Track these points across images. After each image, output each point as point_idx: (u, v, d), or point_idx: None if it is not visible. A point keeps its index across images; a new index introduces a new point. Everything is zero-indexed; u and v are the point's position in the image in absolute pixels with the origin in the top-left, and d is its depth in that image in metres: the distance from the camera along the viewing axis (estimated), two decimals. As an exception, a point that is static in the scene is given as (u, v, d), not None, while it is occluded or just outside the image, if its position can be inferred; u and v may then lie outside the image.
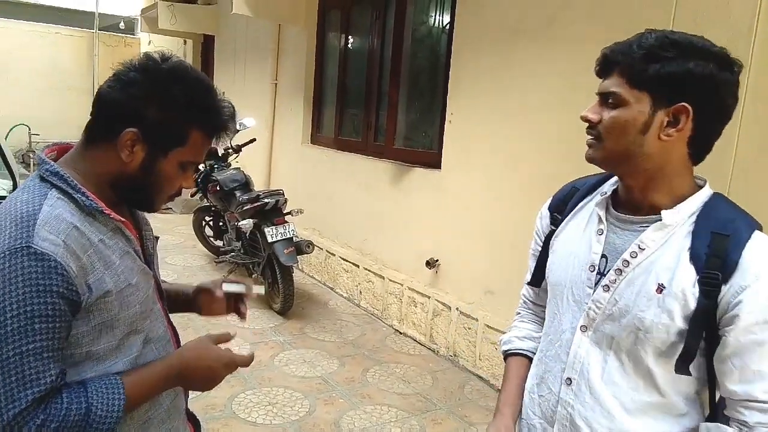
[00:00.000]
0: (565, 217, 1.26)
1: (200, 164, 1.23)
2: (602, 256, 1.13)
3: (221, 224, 5.45)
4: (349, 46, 5.36)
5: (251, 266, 4.81)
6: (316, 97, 5.69)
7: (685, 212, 1.06)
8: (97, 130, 1.09)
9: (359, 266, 4.83)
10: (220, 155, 5.36)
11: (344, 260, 5.03)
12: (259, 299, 4.71)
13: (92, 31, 11.86)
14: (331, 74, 5.57)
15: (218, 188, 5.00)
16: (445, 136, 3.92)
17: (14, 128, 10.29)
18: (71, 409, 0.98)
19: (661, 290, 1.03)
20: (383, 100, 4.77)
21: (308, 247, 4.40)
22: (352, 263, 4.93)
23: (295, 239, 4.37)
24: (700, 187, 1.10)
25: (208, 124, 1.12)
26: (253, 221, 4.37)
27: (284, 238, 4.29)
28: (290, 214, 4.52)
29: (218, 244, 5.55)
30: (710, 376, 1.07)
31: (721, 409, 1.07)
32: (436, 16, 4.42)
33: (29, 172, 8.41)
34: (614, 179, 1.18)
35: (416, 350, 4.06)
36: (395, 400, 3.33)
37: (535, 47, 3.25)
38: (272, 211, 4.42)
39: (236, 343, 3.89)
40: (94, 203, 1.05)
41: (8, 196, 1.05)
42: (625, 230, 1.12)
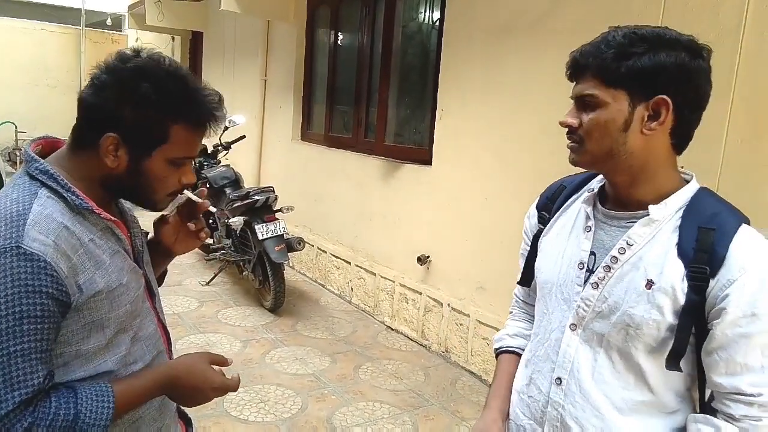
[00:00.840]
0: (553, 215, 1.25)
1: (194, 158, 1.19)
2: (591, 253, 1.13)
3: (211, 221, 5.40)
4: (338, 42, 5.34)
5: (242, 264, 4.79)
6: (306, 93, 5.67)
7: (672, 207, 1.06)
8: (81, 135, 1.08)
9: (350, 263, 4.82)
10: (209, 152, 5.34)
11: (335, 257, 5.02)
12: (250, 296, 4.70)
13: (79, 27, 11.74)
14: (320, 71, 5.55)
15: (208, 185, 4.97)
16: (435, 132, 3.92)
17: (0, 126, 10.19)
18: (59, 414, 0.97)
19: (650, 286, 1.03)
20: (373, 96, 4.76)
21: (299, 244, 4.39)
22: (343, 260, 4.92)
23: (285, 236, 4.35)
24: (687, 181, 1.10)
25: (189, 115, 1.07)
26: (243, 218, 4.35)
27: (275, 235, 4.28)
28: (281, 211, 4.51)
29: (208, 241, 5.52)
30: (700, 371, 1.07)
31: (710, 403, 1.07)
32: (425, 12, 4.42)
33: (15, 170, 8.31)
34: (601, 176, 1.19)
35: (408, 346, 4.06)
36: (387, 396, 3.33)
37: (525, 43, 3.25)
38: (262, 208, 4.40)
39: (227, 341, 3.88)
40: (84, 202, 1.04)
41: None
42: (612, 226, 1.12)
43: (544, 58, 3.12)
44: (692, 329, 1.02)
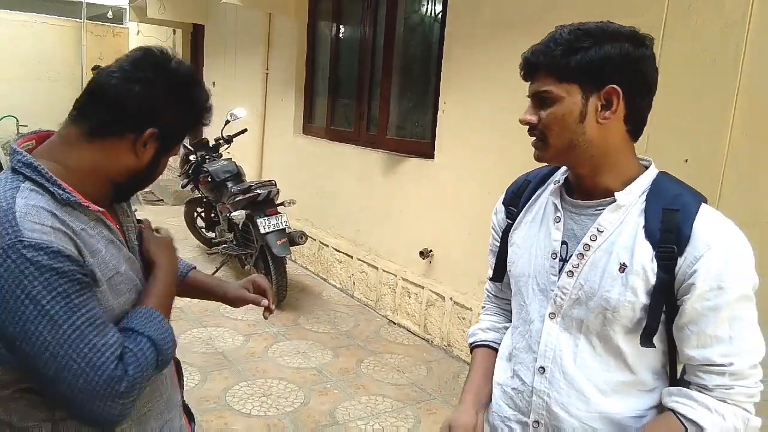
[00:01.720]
0: (521, 210, 1.29)
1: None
2: (562, 242, 1.17)
3: (213, 216, 5.42)
4: (340, 35, 5.32)
5: (244, 257, 4.79)
6: (307, 86, 5.65)
7: (635, 192, 1.10)
8: (100, 125, 1.05)
9: (353, 257, 4.82)
10: (211, 146, 5.32)
11: (337, 251, 5.02)
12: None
13: (80, 20, 11.72)
14: (322, 64, 5.53)
15: (209, 179, 4.97)
16: (438, 125, 3.91)
17: (1, 120, 10.18)
18: (141, 348, 1.01)
19: (623, 269, 1.07)
20: (375, 89, 4.74)
21: (301, 238, 4.39)
22: (345, 254, 4.92)
23: (287, 230, 4.35)
24: (646, 167, 1.15)
25: (205, 118, 1.17)
26: (245, 212, 4.35)
27: (277, 229, 4.28)
28: (282, 204, 4.50)
29: (210, 235, 5.52)
30: (671, 348, 1.11)
31: (683, 377, 1.12)
32: (428, 4, 4.39)
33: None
34: (564, 168, 1.23)
35: (410, 340, 4.06)
36: (390, 390, 3.33)
37: (529, 36, 3.19)
38: (264, 202, 4.40)
39: (230, 335, 3.88)
40: (71, 195, 1.01)
41: None
42: (581, 215, 1.16)
43: (547, 51, 3.09)
44: (663, 307, 1.06)
